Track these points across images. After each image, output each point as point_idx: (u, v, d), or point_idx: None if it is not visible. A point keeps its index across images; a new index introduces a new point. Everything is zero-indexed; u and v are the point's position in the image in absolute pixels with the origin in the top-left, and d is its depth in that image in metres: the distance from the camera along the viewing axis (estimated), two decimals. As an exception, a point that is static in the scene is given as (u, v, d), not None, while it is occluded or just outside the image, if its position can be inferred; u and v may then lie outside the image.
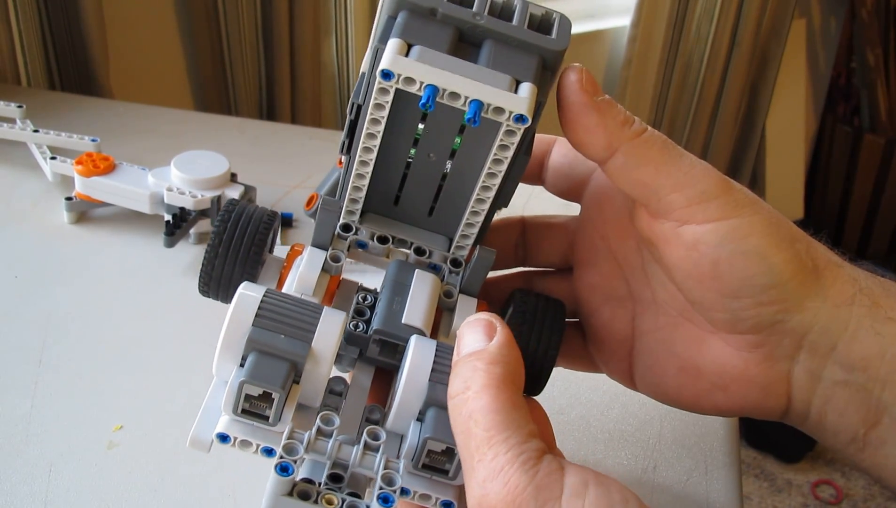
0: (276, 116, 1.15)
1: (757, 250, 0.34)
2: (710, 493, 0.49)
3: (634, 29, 1.47)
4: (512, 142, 0.32)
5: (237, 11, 1.05)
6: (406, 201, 0.37)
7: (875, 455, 0.36)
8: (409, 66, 0.30)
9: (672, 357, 0.38)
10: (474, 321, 0.32)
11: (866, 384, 0.35)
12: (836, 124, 2.03)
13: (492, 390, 0.29)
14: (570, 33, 0.33)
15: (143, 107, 0.87)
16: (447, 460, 0.31)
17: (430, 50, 0.31)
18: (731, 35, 1.56)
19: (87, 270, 0.62)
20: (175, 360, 0.54)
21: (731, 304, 0.35)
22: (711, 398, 0.37)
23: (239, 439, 0.30)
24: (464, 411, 0.29)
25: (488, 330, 0.31)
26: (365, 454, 0.30)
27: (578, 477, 0.27)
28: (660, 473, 0.50)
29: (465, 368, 0.30)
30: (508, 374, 0.30)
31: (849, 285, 0.35)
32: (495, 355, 0.30)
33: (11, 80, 0.89)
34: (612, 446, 0.51)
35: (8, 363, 0.53)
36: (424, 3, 0.31)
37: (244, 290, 0.32)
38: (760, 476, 1.67)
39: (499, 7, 0.32)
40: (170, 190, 0.63)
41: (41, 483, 0.45)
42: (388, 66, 0.30)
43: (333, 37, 1.12)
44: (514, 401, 0.29)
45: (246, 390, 0.30)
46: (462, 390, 0.29)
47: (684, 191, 0.34)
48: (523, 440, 0.28)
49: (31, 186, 0.70)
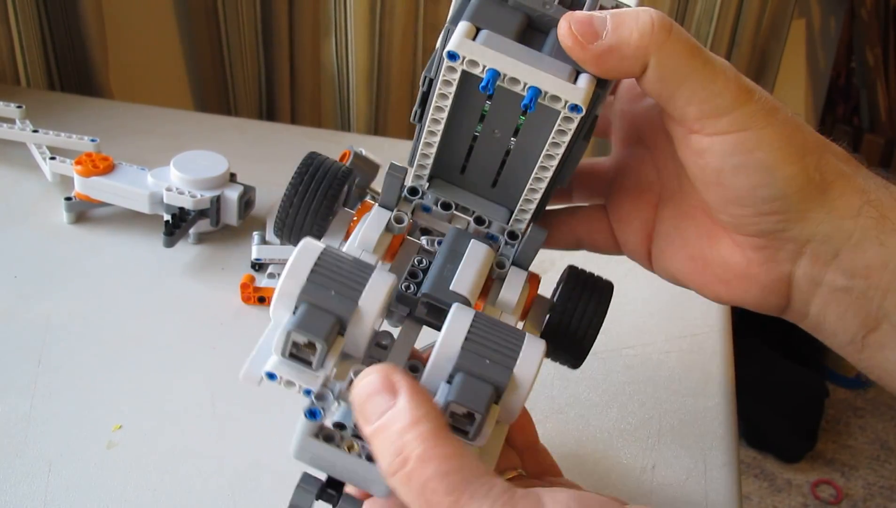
0: (275, 117, 1.15)
1: (762, 163, 0.34)
2: (709, 493, 0.49)
3: (634, 29, 1.47)
4: (569, 129, 0.34)
5: (237, 12, 1.05)
6: (472, 171, 0.39)
7: (873, 356, 0.37)
8: (474, 49, 0.32)
9: (685, 245, 0.40)
10: (366, 384, 0.30)
11: (867, 291, 0.35)
12: (835, 124, 2.03)
13: (434, 450, 0.27)
14: None
15: (143, 107, 0.87)
16: (468, 423, 0.32)
17: (496, 35, 0.33)
18: (730, 35, 1.56)
19: (87, 270, 0.62)
20: (175, 360, 0.54)
21: (734, 210, 0.36)
22: (714, 288, 0.39)
23: (285, 379, 0.32)
24: (414, 485, 0.27)
25: (388, 388, 0.29)
26: None
27: (559, 504, 0.27)
28: (659, 473, 0.50)
29: (387, 440, 0.28)
30: (436, 424, 0.28)
31: (857, 197, 0.35)
32: (414, 412, 0.28)
33: (11, 80, 0.89)
34: (611, 445, 0.51)
35: (8, 363, 0.53)
36: None
37: (304, 245, 0.34)
38: (760, 476, 1.67)
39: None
40: (169, 190, 0.63)
41: (41, 482, 0.45)
42: (454, 47, 0.32)
43: (333, 37, 1.12)
44: (457, 449, 0.28)
45: (293, 337, 0.32)
46: (400, 464, 0.27)
47: (699, 105, 0.34)
48: (489, 486, 0.27)
49: (30, 187, 0.70)
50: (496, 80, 0.32)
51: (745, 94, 0.34)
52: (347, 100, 1.16)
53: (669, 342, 0.60)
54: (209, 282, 0.62)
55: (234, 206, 0.64)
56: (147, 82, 1.08)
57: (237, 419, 0.50)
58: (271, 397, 0.52)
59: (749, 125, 0.34)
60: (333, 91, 1.16)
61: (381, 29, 1.13)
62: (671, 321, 0.62)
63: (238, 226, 0.66)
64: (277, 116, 1.15)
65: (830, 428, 1.78)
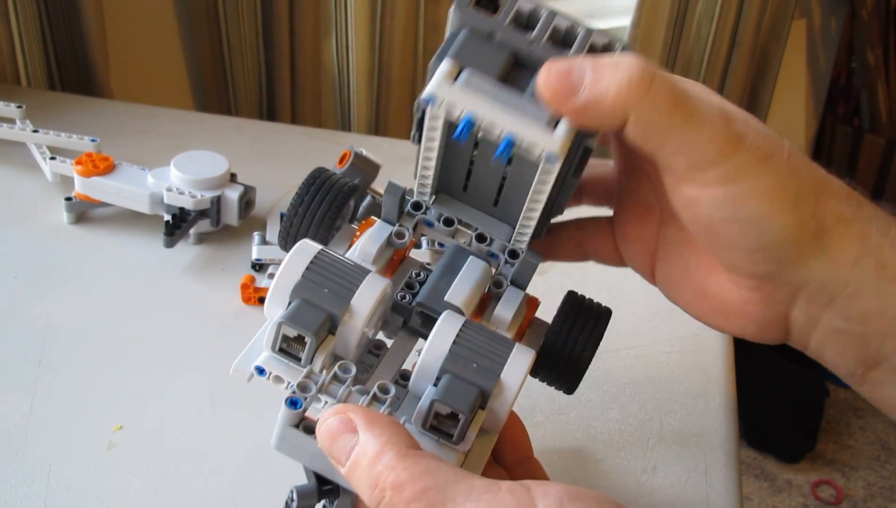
0: (276, 117, 1.15)
1: (754, 215, 0.33)
2: (710, 494, 0.49)
3: (634, 29, 1.47)
4: (549, 177, 0.33)
5: (237, 12, 1.05)
6: (473, 190, 0.39)
7: (873, 390, 0.37)
8: (453, 92, 0.32)
9: (685, 274, 0.39)
10: (326, 429, 0.30)
11: (865, 334, 0.35)
12: (836, 125, 2.03)
13: (404, 473, 0.27)
14: None
15: (143, 107, 0.87)
16: (452, 425, 0.32)
17: (478, 75, 0.32)
18: (731, 35, 1.56)
19: (87, 270, 0.62)
20: (175, 360, 0.54)
21: (726, 255, 0.36)
22: (713, 319, 0.39)
23: (273, 374, 0.33)
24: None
25: (348, 427, 0.29)
26: (372, 403, 0.32)
27: (551, 497, 0.27)
28: (659, 473, 0.50)
29: (361, 477, 0.28)
30: (400, 447, 0.28)
31: (855, 243, 0.34)
32: (376, 443, 0.28)
33: (11, 80, 0.89)
34: (611, 446, 0.51)
35: (8, 363, 0.53)
36: (484, 26, 0.32)
37: (301, 245, 0.34)
38: (760, 477, 1.67)
39: (561, 33, 0.32)
40: (169, 190, 0.63)
41: (41, 482, 0.45)
42: (431, 91, 0.32)
43: (334, 37, 1.12)
44: (429, 465, 0.28)
45: (283, 330, 0.32)
46: (378, 498, 0.28)
47: (685, 157, 0.33)
48: (469, 489, 0.27)
49: (30, 187, 0.70)
50: (471, 127, 0.32)
51: (733, 143, 0.33)
52: (348, 100, 1.16)
53: (670, 343, 0.60)
54: (209, 282, 0.62)
55: (234, 206, 0.64)
56: (147, 82, 1.08)
57: (237, 420, 0.50)
58: (271, 397, 0.51)
59: (739, 177, 0.33)
60: (334, 91, 1.16)
61: (382, 29, 1.12)
62: (672, 321, 0.62)
63: (238, 226, 0.66)
64: (278, 116, 1.15)
65: (831, 429, 1.78)
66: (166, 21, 1.06)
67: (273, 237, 0.65)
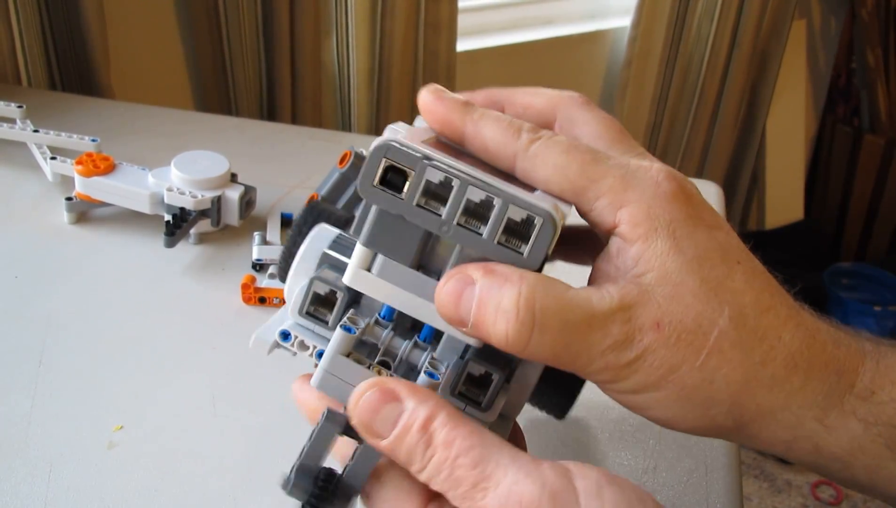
0: (276, 117, 1.15)
1: (663, 419, 0.32)
2: (711, 494, 0.49)
3: (635, 29, 1.47)
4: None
5: (238, 11, 1.05)
6: None
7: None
8: (368, 283, 0.31)
9: None
10: (366, 401, 0.29)
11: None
12: (836, 125, 2.03)
13: (455, 431, 0.28)
14: (550, 244, 0.29)
15: (144, 107, 0.87)
16: (481, 392, 0.32)
17: (391, 264, 0.30)
18: (731, 35, 1.56)
19: (88, 270, 0.62)
20: (175, 360, 0.54)
21: None
22: None
23: (299, 338, 0.32)
24: (444, 470, 0.28)
25: (390, 397, 0.29)
26: (413, 349, 0.32)
27: (590, 479, 0.27)
28: (660, 474, 0.50)
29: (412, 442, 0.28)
30: (448, 409, 0.28)
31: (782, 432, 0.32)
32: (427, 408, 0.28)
33: (12, 80, 0.89)
34: (612, 446, 0.51)
35: (8, 363, 0.53)
36: (392, 209, 0.29)
37: (320, 229, 0.35)
38: (760, 477, 1.67)
39: (472, 208, 0.29)
40: (170, 190, 0.63)
41: (41, 483, 0.45)
42: (348, 281, 0.31)
43: (334, 37, 1.12)
44: (476, 426, 0.28)
45: (314, 287, 0.32)
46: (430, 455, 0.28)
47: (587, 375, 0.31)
48: (514, 454, 0.27)
49: (31, 187, 0.70)
50: (393, 313, 0.32)
51: (627, 369, 0.30)
52: (348, 100, 1.16)
53: (670, 343, 0.60)
54: (210, 282, 0.62)
55: (234, 206, 0.64)
56: (148, 82, 1.08)
57: (238, 420, 0.50)
58: (272, 397, 0.52)
59: (638, 391, 0.31)
60: (334, 91, 1.16)
61: (383, 29, 1.13)
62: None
63: (239, 226, 0.66)
64: (278, 116, 1.15)
65: (830, 429, 1.78)
66: (167, 21, 1.06)
67: (273, 237, 0.65)
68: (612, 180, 0.31)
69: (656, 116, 1.58)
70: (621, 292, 0.30)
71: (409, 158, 0.29)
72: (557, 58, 1.49)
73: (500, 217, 0.29)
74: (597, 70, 1.54)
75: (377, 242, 0.30)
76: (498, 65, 1.42)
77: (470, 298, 0.29)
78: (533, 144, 0.31)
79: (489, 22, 1.46)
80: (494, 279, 0.29)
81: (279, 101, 1.14)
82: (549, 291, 0.29)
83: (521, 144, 0.32)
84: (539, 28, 1.49)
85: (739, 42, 1.58)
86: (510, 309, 0.29)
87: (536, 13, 1.51)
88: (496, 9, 1.47)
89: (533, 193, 0.31)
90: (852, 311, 1.85)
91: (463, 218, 0.29)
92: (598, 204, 0.31)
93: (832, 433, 0.32)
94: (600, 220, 0.31)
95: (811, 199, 2.07)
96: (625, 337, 0.30)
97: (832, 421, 0.32)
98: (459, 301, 0.29)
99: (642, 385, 0.30)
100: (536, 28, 1.49)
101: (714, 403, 0.31)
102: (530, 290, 0.29)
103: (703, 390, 0.30)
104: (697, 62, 1.57)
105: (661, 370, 0.30)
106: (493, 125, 0.32)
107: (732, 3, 1.52)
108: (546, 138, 0.32)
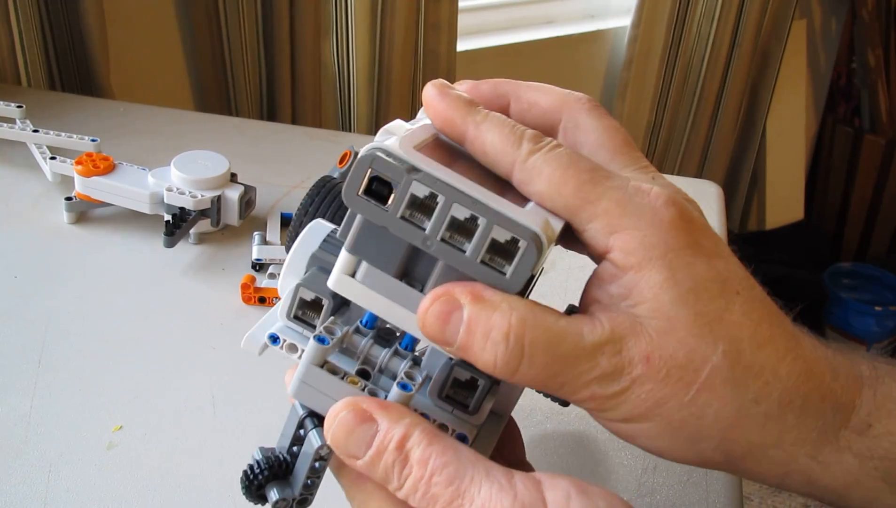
0: (276, 117, 1.15)
1: (654, 449, 0.32)
2: (710, 493, 0.49)
3: (635, 29, 1.47)
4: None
5: (238, 12, 1.05)
6: None
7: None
8: (352, 289, 0.30)
9: None
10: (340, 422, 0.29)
11: None
12: (836, 125, 2.02)
13: (429, 449, 0.28)
14: (532, 266, 0.28)
15: (144, 107, 0.87)
16: (469, 395, 0.32)
17: (375, 271, 0.30)
18: (731, 35, 1.56)
19: (87, 270, 0.62)
20: (175, 360, 0.54)
21: None
22: None
23: (287, 342, 0.32)
24: (420, 489, 0.28)
25: (364, 418, 0.29)
26: (392, 358, 0.32)
27: (559, 490, 0.27)
28: (660, 473, 0.50)
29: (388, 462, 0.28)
30: (423, 426, 0.28)
31: (774, 468, 0.32)
32: (402, 426, 0.28)
33: (11, 80, 0.89)
34: (612, 446, 0.51)
35: (8, 363, 0.52)
36: (376, 219, 0.29)
37: (315, 224, 0.35)
38: (761, 477, 1.67)
39: (457, 225, 0.28)
40: (170, 190, 0.63)
41: (41, 483, 0.45)
42: (331, 285, 0.31)
43: (334, 37, 1.12)
44: (451, 442, 0.28)
45: (300, 293, 0.32)
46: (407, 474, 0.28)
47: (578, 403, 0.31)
48: (488, 468, 0.27)
49: (30, 187, 0.70)
50: (376, 318, 0.32)
51: (614, 399, 0.30)
52: (348, 100, 1.16)
53: (670, 343, 0.60)
54: (210, 282, 0.62)
55: (234, 206, 0.64)
56: (148, 82, 1.08)
57: (237, 420, 0.50)
58: (272, 397, 0.51)
59: (628, 420, 0.30)
60: (334, 91, 1.16)
61: (383, 29, 1.13)
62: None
63: (239, 226, 0.66)
64: (278, 116, 1.15)
65: (831, 429, 1.77)
66: (167, 21, 1.06)
67: (273, 237, 0.65)
68: (607, 204, 0.30)
69: (656, 116, 1.58)
70: (612, 322, 0.29)
71: (394, 171, 0.28)
72: (557, 58, 1.49)
73: (484, 237, 0.28)
74: (597, 70, 1.54)
75: (361, 249, 0.30)
76: (498, 65, 1.42)
77: (458, 322, 0.29)
78: (532, 155, 0.31)
79: (489, 22, 1.46)
80: (483, 307, 0.28)
81: (279, 101, 1.14)
82: (538, 322, 0.29)
83: (520, 155, 0.31)
84: (539, 28, 1.49)
85: (740, 42, 1.58)
86: (499, 340, 0.28)
87: (536, 13, 1.51)
88: (496, 9, 1.47)
89: (526, 204, 0.30)
90: (853, 311, 1.85)
91: (447, 233, 0.28)
92: (591, 226, 0.30)
93: (826, 468, 0.31)
94: (594, 243, 0.31)
95: (811, 199, 2.07)
96: (613, 369, 0.29)
97: (826, 457, 0.31)
98: (446, 325, 0.29)
99: (629, 416, 0.30)
100: (536, 28, 1.49)
101: (703, 438, 0.30)
102: (520, 322, 0.28)
103: (691, 424, 0.30)
104: (698, 62, 1.57)
105: (648, 402, 0.30)
106: (494, 130, 0.31)
107: (733, 3, 1.52)
108: (546, 151, 0.31)
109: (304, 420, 0.31)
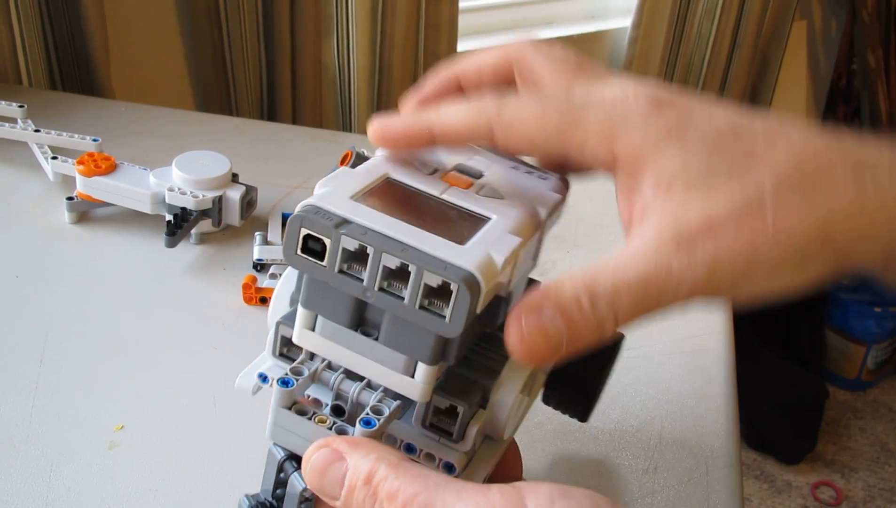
0: (277, 117, 1.15)
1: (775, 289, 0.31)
2: (711, 494, 0.49)
3: (635, 30, 1.48)
4: None
5: (238, 12, 1.05)
6: None
7: None
8: (312, 341, 0.31)
9: None
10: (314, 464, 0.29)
11: None
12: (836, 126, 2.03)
13: (397, 482, 0.27)
14: (472, 306, 0.28)
15: (145, 107, 0.87)
16: (451, 422, 0.32)
17: (330, 324, 0.30)
18: (731, 36, 1.57)
19: (88, 270, 0.62)
20: (176, 360, 0.54)
21: None
22: None
23: (274, 378, 0.32)
24: None
25: (336, 457, 0.29)
26: (364, 390, 0.32)
27: (540, 495, 0.27)
28: (660, 474, 0.50)
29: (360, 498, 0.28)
30: (390, 460, 0.28)
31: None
32: (368, 462, 0.28)
33: (13, 79, 0.89)
34: (612, 447, 0.51)
35: (8, 363, 0.53)
36: (318, 276, 0.29)
37: None
38: (760, 478, 1.67)
39: (389, 273, 0.29)
40: (171, 190, 0.63)
41: (42, 482, 0.45)
42: (296, 341, 0.31)
43: (334, 37, 1.12)
44: (420, 470, 0.28)
45: (281, 331, 0.33)
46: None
47: None
48: (459, 489, 0.27)
49: (32, 186, 0.70)
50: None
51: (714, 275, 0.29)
52: (349, 100, 1.16)
53: (671, 344, 0.60)
54: (211, 282, 0.62)
55: (236, 206, 0.64)
56: (149, 82, 1.08)
57: (239, 420, 0.50)
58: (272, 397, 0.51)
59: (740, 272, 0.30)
60: (335, 91, 1.16)
61: (383, 29, 1.13)
62: (673, 323, 0.62)
63: (240, 226, 0.66)
64: (279, 116, 1.15)
65: (830, 430, 1.78)
66: (167, 21, 1.06)
67: (275, 237, 0.65)
68: (594, 117, 0.30)
69: (657, 117, 1.58)
70: (658, 226, 0.29)
71: (323, 228, 0.28)
72: (558, 58, 1.49)
73: (416, 284, 0.28)
74: (597, 71, 1.54)
75: (314, 304, 0.30)
76: (498, 65, 1.42)
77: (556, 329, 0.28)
78: (504, 109, 0.31)
79: (489, 22, 1.46)
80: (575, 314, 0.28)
81: (280, 101, 1.14)
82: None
83: (492, 114, 0.31)
84: (539, 28, 1.49)
85: (740, 43, 1.58)
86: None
87: (537, 13, 1.51)
88: (496, 9, 1.47)
89: (472, 237, 0.29)
90: (852, 311, 1.85)
91: (384, 282, 0.28)
92: (588, 146, 0.31)
93: None
94: (598, 161, 0.31)
95: (811, 200, 2.07)
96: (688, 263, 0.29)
97: None
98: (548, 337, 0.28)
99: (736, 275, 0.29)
100: (537, 28, 1.49)
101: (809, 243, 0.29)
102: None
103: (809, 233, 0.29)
104: (698, 63, 1.57)
105: (742, 255, 0.29)
106: (455, 109, 0.32)
107: (733, 3, 1.52)
108: (515, 100, 0.31)
109: (283, 464, 0.32)
